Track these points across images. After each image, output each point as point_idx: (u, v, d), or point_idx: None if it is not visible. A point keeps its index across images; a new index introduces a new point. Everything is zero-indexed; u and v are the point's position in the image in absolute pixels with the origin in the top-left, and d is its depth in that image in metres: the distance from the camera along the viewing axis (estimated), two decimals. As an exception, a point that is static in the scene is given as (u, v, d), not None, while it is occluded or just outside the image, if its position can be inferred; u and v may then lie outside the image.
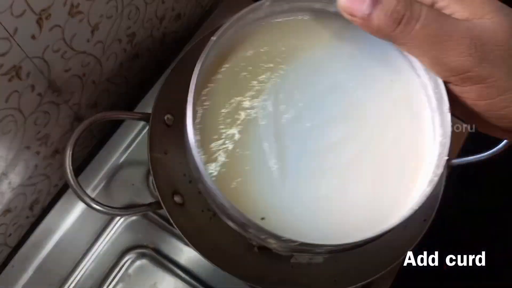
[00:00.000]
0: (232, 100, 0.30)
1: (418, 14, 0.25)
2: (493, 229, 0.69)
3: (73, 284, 0.47)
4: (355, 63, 0.31)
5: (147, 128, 0.42)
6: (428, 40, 0.25)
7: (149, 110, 0.41)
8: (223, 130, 0.30)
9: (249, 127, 0.30)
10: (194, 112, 0.29)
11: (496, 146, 0.42)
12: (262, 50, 0.31)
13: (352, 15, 0.26)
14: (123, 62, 0.47)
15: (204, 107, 0.30)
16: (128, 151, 0.51)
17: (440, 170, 0.27)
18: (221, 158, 0.30)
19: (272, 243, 0.29)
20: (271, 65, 0.31)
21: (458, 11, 0.26)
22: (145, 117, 0.41)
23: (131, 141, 0.51)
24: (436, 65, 0.26)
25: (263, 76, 0.31)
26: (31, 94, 0.36)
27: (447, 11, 0.26)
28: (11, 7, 0.29)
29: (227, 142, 0.30)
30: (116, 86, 0.49)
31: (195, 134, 0.27)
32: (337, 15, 0.28)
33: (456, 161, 0.45)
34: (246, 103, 0.30)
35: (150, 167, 0.40)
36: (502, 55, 0.25)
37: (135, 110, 0.50)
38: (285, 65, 0.31)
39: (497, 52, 0.25)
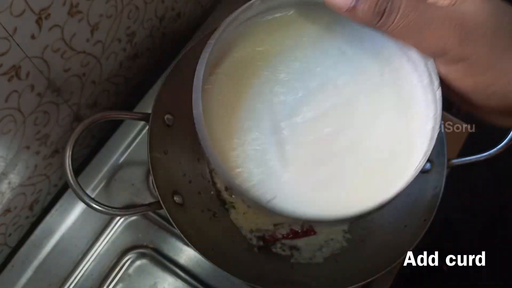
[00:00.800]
0: (227, 102, 0.31)
1: (398, 5, 0.26)
2: (493, 229, 0.69)
3: (73, 284, 0.47)
4: (345, 59, 0.32)
5: (147, 128, 0.42)
6: (408, 29, 0.26)
7: (149, 110, 0.41)
8: (226, 126, 0.31)
9: (246, 123, 0.31)
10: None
11: (496, 146, 0.42)
12: (257, 49, 0.32)
13: (337, 8, 0.27)
14: (122, 62, 0.47)
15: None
16: (128, 151, 0.50)
17: (433, 143, 0.28)
18: None
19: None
20: (264, 63, 0.32)
21: None
22: (145, 117, 0.41)
23: (131, 141, 0.51)
24: (419, 50, 0.28)
25: (257, 75, 0.31)
26: (30, 94, 0.36)
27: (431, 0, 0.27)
28: (10, 6, 0.29)
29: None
30: (116, 86, 0.49)
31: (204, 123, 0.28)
32: (326, 6, 0.29)
33: (456, 161, 0.45)
34: (242, 103, 0.31)
35: (150, 167, 0.40)
36: (484, 33, 0.25)
37: (135, 110, 0.50)
38: (277, 63, 0.32)
39: (478, 31, 0.25)
